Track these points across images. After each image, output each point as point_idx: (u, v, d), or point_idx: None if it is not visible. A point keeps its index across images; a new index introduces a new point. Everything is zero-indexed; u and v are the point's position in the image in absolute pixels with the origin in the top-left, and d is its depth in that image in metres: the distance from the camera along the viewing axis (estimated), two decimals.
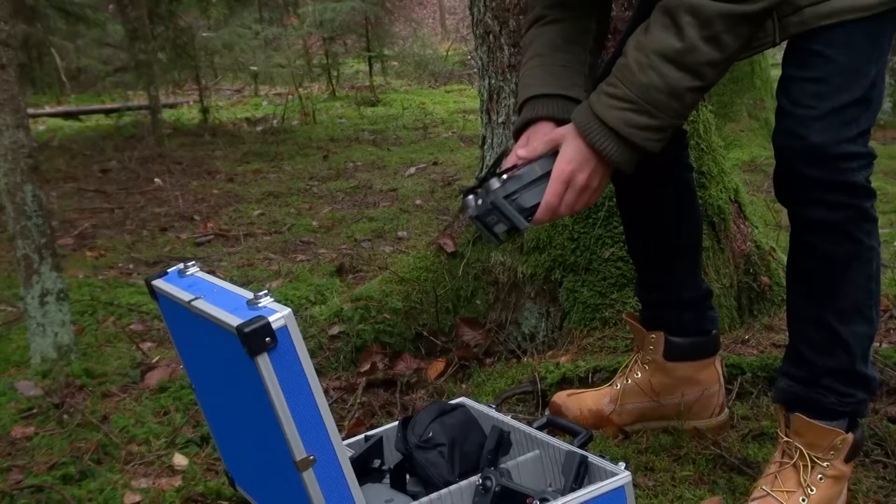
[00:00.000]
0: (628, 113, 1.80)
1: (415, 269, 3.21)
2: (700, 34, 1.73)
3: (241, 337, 1.48)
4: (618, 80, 1.81)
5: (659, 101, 1.78)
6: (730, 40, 1.75)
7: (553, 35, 2.06)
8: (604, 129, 1.82)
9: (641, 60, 1.78)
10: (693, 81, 1.77)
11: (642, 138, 1.81)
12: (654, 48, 1.77)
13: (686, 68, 1.76)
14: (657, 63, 1.76)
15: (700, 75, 1.77)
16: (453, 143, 8.35)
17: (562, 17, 2.07)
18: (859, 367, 1.94)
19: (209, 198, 6.58)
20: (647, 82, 1.77)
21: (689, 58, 1.75)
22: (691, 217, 2.32)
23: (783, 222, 4.27)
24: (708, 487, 2.14)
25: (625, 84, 1.80)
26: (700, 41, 1.73)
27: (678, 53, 1.75)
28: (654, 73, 1.77)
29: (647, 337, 2.35)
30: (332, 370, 2.94)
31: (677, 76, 1.76)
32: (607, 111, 1.81)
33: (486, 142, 3.16)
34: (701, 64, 1.76)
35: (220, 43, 10.42)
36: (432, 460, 1.90)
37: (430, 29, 20.27)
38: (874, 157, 1.85)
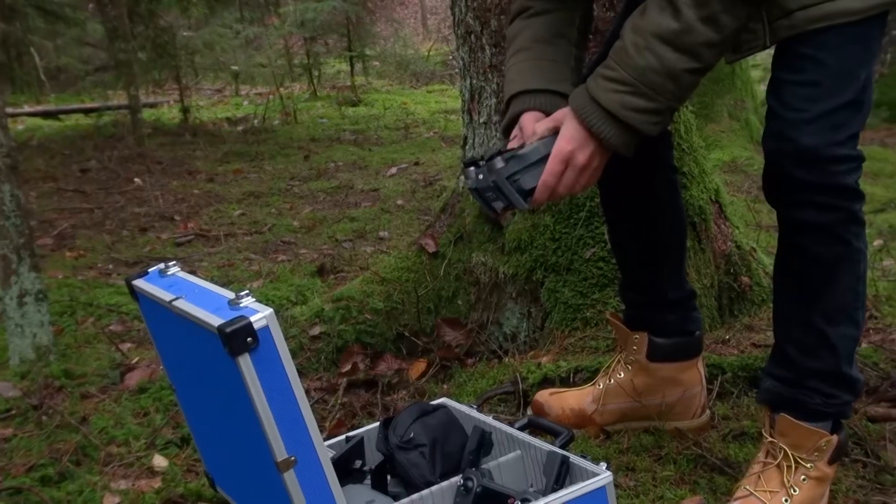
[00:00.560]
0: (626, 96, 1.78)
1: (396, 270, 3.20)
2: (697, 14, 1.72)
3: (223, 337, 1.47)
4: (615, 62, 1.80)
5: (656, 82, 1.76)
6: (728, 20, 1.73)
7: (539, 28, 2.05)
8: (601, 111, 1.80)
9: (638, 42, 1.77)
10: (690, 63, 1.75)
11: (640, 121, 1.80)
12: (651, 30, 1.75)
13: (683, 49, 1.74)
14: (654, 44, 1.75)
15: (697, 56, 1.75)
16: (435, 144, 8.34)
17: (546, 9, 2.06)
18: (845, 369, 1.94)
19: (189, 198, 6.55)
20: (643, 64, 1.76)
21: (686, 39, 1.73)
22: (676, 218, 2.32)
23: (763, 223, 4.29)
24: (689, 487, 2.15)
25: (622, 66, 1.78)
26: (697, 21, 1.72)
27: (675, 34, 1.73)
28: (650, 54, 1.75)
29: (630, 337, 2.35)
30: (313, 371, 2.93)
31: (674, 57, 1.75)
32: (604, 94, 1.80)
33: (468, 142, 3.15)
34: (698, 45, 1.74)
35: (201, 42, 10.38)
36: (413, 461, 1.89)
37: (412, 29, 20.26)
38: (863, 160, 1.86)
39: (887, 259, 3.85)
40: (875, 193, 5.60)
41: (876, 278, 3.40)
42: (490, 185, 1.87)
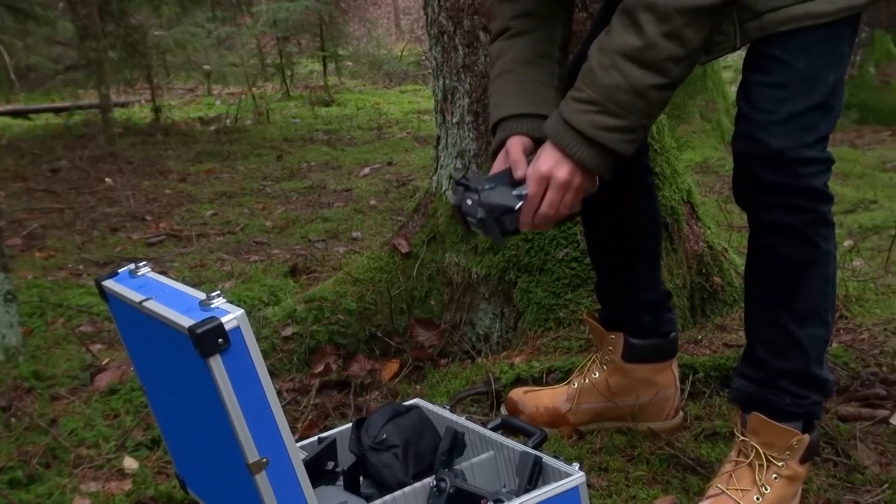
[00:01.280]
0: (595, 115, 1.79)
1: (369, 270, 3.20)
2: (659, 30, 1.72)
3: (194, 338, 1.46)
4: (583, 83, 1.81)
5: (623, 100, 1.77)
6: (691, 35, 1.73)
7: (521, 49, 2.05)
8: (574, 133, 1.81)
9: (604, 62, 1.78)
10: (656, 79, 1.76)
11: (612, 140, 1.80)
12: (615, 48, 1.76)
13: (648, 66, 1.74)
14: (619, 62, 1.75)
15: (663, 72, 1.75)
16: (408, 144, 8.34)
17: (528, 29, 2.07)
18: (814, 370, 1.96)
19: (161, 198, 6.51)
20: (610, 83, 1.77)
21: (649, 55, 1.74)
22: (651, 219, 2.33)
23: (735, 223, 4.31)
24: (661, 487, 2.16)
25: (589, 87, 1.79)
26: (660, 37, 1.72)
27: (638, 51, 1.74)
28: (616, 72, 1.76)
29: (606, 337, 2.36)
30: (285, 371, 2.92)
31: (639, 74, 1.75)
32: (575, 115, 1.81)
33: (441, 142, 3.15)
34: (662, 60, 1.74)
35: (173, 41, 10.32)
36: (386, 462, 1.89)
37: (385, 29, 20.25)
38: (832, 163, 1.87)
39: (857, 259, 3.88)
40: (845, 194, 5.65)
41: (846, 279, 3.43)
42: (477, 217, 1.90)
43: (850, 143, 7.65)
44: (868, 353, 2.73)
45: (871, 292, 3.35)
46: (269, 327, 3.03)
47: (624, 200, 2.24)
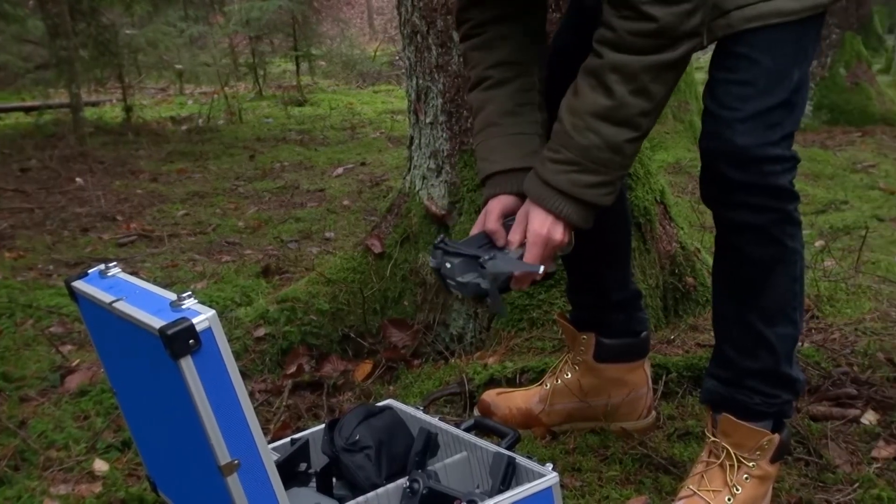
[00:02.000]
0: (574, 175, 1.83)
1: (342, 270, 3.19)
2: (628, 89, 1.77)
3: (164, 339, 1.45)
4: (558, 145, 1.85)
5: (601, 158, 1.82)
6: (657, 89, 1.78)
7: (503, 100, 2.07)
8: (556, 193, 1.86)
9: (577, 123, 1.82)
10: (630, 133, 1.81)
11: (593, 195, 1.85)
12: (587, 109, 1.81)
13: (620, 123, 1.79)
14: (592, 123, 1.80)
15: (635, 126, 1.81)
16: (381, 144, 8.33)
17: (507, 78, 2.07)
18: (784, 369, 1.96)
19: (132, 198, 6.46)
20: (586, 143, 1.81)
21: (621, 112, 1.79)
22: (621, 219, 2.33)
23: (707, 223, 4.33)
24: (634, 487, 2.16)
25: (566, 148, 1.83)
26: (628, 95, 1.77)
27: (609, 110, 1.79)
28: (591, 133, 1.80)
29: (578, 338, 2.36)
30: (257, 372, 2.91)
31: (613, 131, 1.80)
32: (555, 176, 1.85)
33: (414, 142, 3.14)
34: (633, 116, 1.79)
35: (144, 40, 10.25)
36: (359, 463, 1.88)
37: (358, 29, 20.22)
38: (798, 161, 1.88)
39: (828, 259, 3.90)
40: (816, 195, 5.68)
41: (817, 278, 3.45)
42: (454, 277, 1.93)
43: (820, 144, 7.69)
44: (839, 353, 2.75)
45: (843, 292, 3.37)
46: (241, 328, 3.01)
47: None
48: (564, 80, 2.11)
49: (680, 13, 1.73)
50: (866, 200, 5.69)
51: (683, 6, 1.73)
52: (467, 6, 2.11)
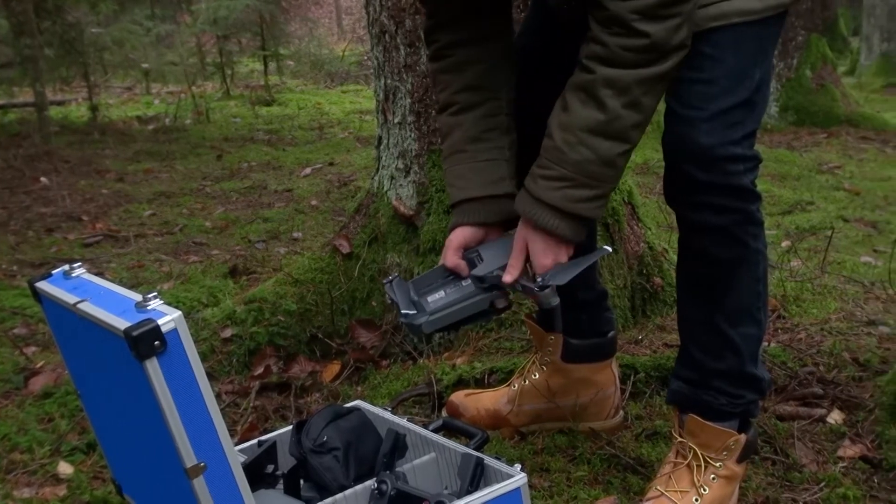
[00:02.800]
0: (568, 190, 1.83)
1: (310, 271, 3.18)
2: (621, 102, 1.77)
3: (129, 340, 1.44)
4: (550, 161, 1.85)
5: (595, 172, 1.82)
6: (649, 101, 1.79)
7: (470, 126, 2.06)
8: (549, 210, 1.85)
9: (569, 139, 1.81)
10: (622, 146, 1.81)
11: (587, 209, 1.86)
12: (580, 125, 1.80)
13: (613, 136, 1.80)
14: (586, 138, 1.80)
15: (627, 138, 1.81)
16: (349, 144, 8.30)
17: (474, 103, 2.07)
18: (749, 369, 1.97)
19: (98, 197, 6.41)
20: (580, 158, 1.81)
21: (614, 126, 1.79)
22: None
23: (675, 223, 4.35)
24: (603, 487, 2.16)
25: (559, 164, 1.83)
26: (622, 109, 1.78)
27: (603, 124, 1.79)
28: (584, 148, 1.80)
29: (545, 338, 2.36)
30: (224, 374, 2.89)
31: (607, 146, 1.80)
32: (548, 193, 1.85)
33: (383, 142, 3.14)
34: (627, 129, 1.80)
35: (110, 39, 10.16)
36: (327, 465, 1.87)
37: (327, 29, 20.17)
38: (759, 161, 1.89)
39: (795, 260, 3.93)
40: (782, 195, 5.72)
41: (784, 279, 3.47)
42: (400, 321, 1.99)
43: (787, 145, 7.74)
44: (805, 353, 2.77)
45: (809, 292, 3.39)
46: (207, 329, 2.99)
47: None
48: (527, 82, 2.11)
49: (670, 27, 1.74)
50: (832, 201, 5.73)
51: (673, 21, 1.74)
52: (434, 29, 2.11)
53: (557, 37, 2.12)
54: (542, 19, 2.19)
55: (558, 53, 2.01)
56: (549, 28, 2.14)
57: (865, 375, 2.62)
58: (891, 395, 2.35)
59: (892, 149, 7.78)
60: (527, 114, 2.07)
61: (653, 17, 1.72)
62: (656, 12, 1.72)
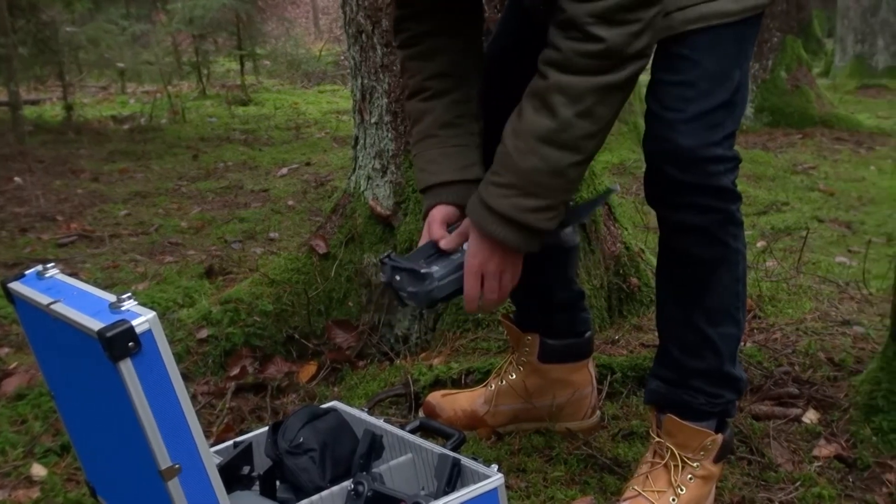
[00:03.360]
0: (516, 199, 1.80)
1: (286, 271, 3.16)
2: (573, 111, 1.74)
3: (103, 341, 1.43)
4: (501, 168, 1.82)
5: (543, 182, 1.79)
6: (603, 111, 1.76)
7: (441, 112, 2.06)
8: (496, 217, 1.83)
9: (520, 146, 1.79)
10: (574, 157, 1.78)
11: (536, 220, 1.82)
12: (530, 131, 1.77)
13: (564, 146, 1.76)
14: (536, 146, 1.77)
15: (579, 149, 1.78)
16: (326, 144, 8.29)
17: (445, 90, 2.06)
18: (727, 368, 1.98)
19: (73, 197, 6.37)
20: (529, 167, 1.78)
21: (565, 135, 1.75)
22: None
23: (651, 224, 4.36)
24: (579, 488, 2.17)
25: (508, 171, 1.80)
26: (574, 117, 1.74)
27: (554, 133, 1.75)
28: (533, 156, 1.77)
29: (522, 338, 2.36)
30: (200, 374, 2.88)
31: (557, 155, 1.77)
32: (496, 200, 1.82)
33: (359, 142, 3.13)
34: (578, 138, 1.76)
35: (85, 38, 10.10)
36: (303, 466, 1.86)
37: (304, 28, 20.12)
38: (739, 161, 1.89)
39: (770, 260, 3.94)
40: (758, 196, 5.75)
41: (759, 279, 3.48)
42: (405, 288, 1.95)
43: (762, 146, 7.78)
44: (781, 353, 2.78)
45: (784, 292, 3.41)
46: (183, 329, 2.98)
47: None
48: (500, 86, 2.11)
49: (627, 34, 1.70)
50: (807, 201, 5.77)
51: (631, 27, 1.70)
52: (403, 18, 2.10)
53: (532, 37, 2.12)
54: (517, 20, 2.19)
55: (533, 53, 2.01)
56: (524, 32, 2.14)
57: (840, 375, 2.63)
58: (865, 395, 2.36)
59: (865, 149, 7.84)
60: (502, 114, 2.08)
61: (610, 21, 1.69)
62: (614, 17, 1.69)
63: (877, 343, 2.79)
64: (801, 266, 3.86)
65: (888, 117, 9.41)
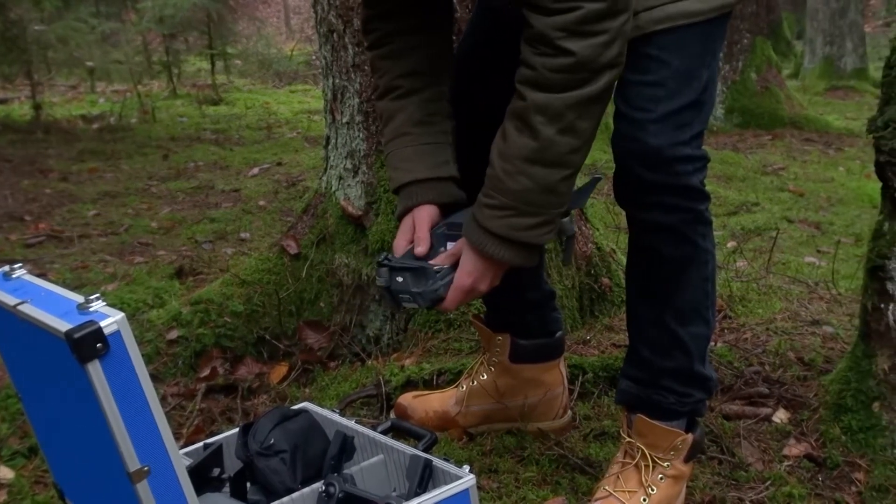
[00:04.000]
0: (512, 219, 1.81)
1: (257, 272, 3.15)
2: (554, 129, 1.74)
3: (71, 343, 1.41)
4: (492, 190, 1.82)
5: (536, 200, 1.80)
6: (584, 125, 1.76)
7: (414, 110, 2.05)
8: (494, 239, 1.83)
9: (507, 168, 1.79)
10: (562, 172, 1.79)
11: (533, 236, 1.83)
12: (516, 153, 1.78)
13: (551, 163, 1.77)
14: (523, 167, 1.77)
15: (566, 164, 1.78)
16: (297, 144, 8.26)
17: (417, 88, 2.06)
18: (697, 368, 1.99)
19: (41, 197, 6.31)
20: (519, 188, 1.78)
21: (550, 153, 1.76)
22: None
23: (623, 225, 4.37)
24: (551, 488, 2.17)
25: (500, 194, 1.81)
26: (556, 135, 1.74)
27: (538, 152, 1.76)
28: (523, 177, 1.78)
29: (493, 339, 2.36)
30: (170, 376, 2.86)
31: (545, 173, 1.77)
32: (492, 222, 1.82)
33: (331, 142, 3.12)
34: (563, 154, 1.77)
35: (54, 37, 10.01)
36: (273, 467, 1.85)
37: (275, 28, 20.06)
38: (707, 160, 1.90)
39: (740, 260, 3.97)
40: (728, 197, 5.78)
41: (730, 279, 3.50)
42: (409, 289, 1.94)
43: (732, 147, 7.83)
44: (751, 353, 2.79)
45: (754, 292, 3.43)
46: (153, 331, 2.96)
47: None
48: (469, 85, 2.11)
49: (597, 45, 1.70)
50: (776, 202, 5.80)
51: (600, 38, 1.70)
52: (371, 18, 2.09)
53: (502, 37, 2.12)
54: (486, 19, 2.19)
55: (503, 53, 2.01)
56: (494, 29, 2.14)
57: (810, 375, 2.65)
58: (834, 395, 2.38)
59: (834, 150, 7.91)
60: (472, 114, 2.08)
61: (578, 34, 1.68)
62: (581, 29, 1.68)
63: (846, 343, 2.81)
64: (771, 266, 3.88)
65: (856, 118, 9.49)
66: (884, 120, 2.18)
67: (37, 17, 10.44)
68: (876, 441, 2.24)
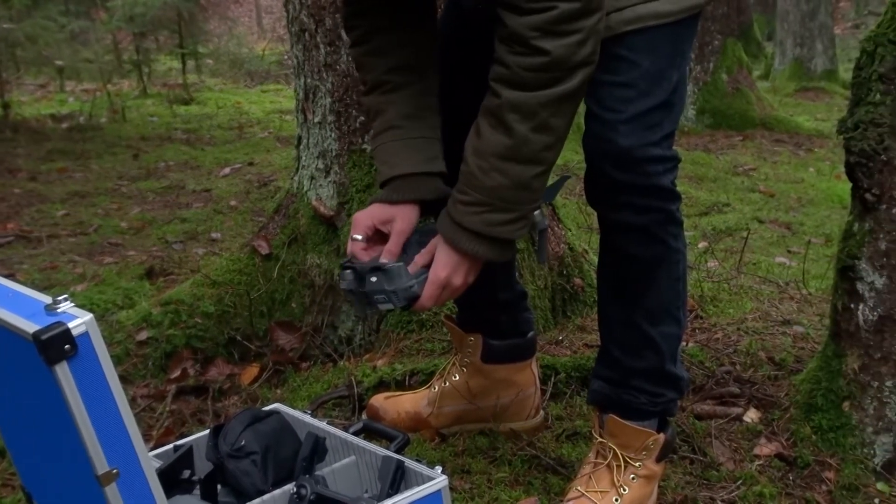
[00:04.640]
0: (486, 214, 1.82)
1: (228, 272, 3.13)
2: (528, 126, 1.75)
3: (38, 344, 1.40)
4: (466, 186, 1.83)
5: (510, 196, 1.80)
6: (558, 122, 1.77)
7: (403, 104, 2.03)
8: (469, 234, 1.83)
9: (482, 165, 1.80)
10: (535, 168, 1.79)
11: (507, 231, 1.84)
12: (490, 150, 1.78)
13: (525, 160, 1.78)
14: (497, 164, 1.78)
15: (540, 161, 1.79)
16: (269, 144, 8.23)
17: (406, 82, 2.04)
18: (668, 367, 1.99)
19: (9, 197, 6.26)
20: (493, 184, 1.79)
21: (524, 150, 1.77)
22: None
23: (595, 225, 4.38)
24: (523, 489, 2.17)
25: (474, 190, 1.81)
26: (530, 133, 1.75)
27: (512, 149, 1.77)
28: (497, 173, 1.78)
29: (465, 339, 2.35)
30: (140, 377, 2.84)
31: (519, 170, 1.78)
32: (467, 218, 1.83)
33: (303, 142, 3.11)
34: (537, 152, 1.78)
35: (23, 35, 9.92)
36: (244, 469, 1.84)
37: (247, 27, 19.98)
38: (678, 161, 1.91)
39: (711, 261, 3.98)
40: (699, 197, 5.81)
41: (701, 279, 3.52)
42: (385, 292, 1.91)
43: (703, 148, 7.87)
44: (722, 353, 2.80)
45: (725, 293, 3.44)
46: (122, 332, 2.94)
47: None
48: (446, 86, 2.10)
49: (571, 44, 1.70)
50: (747, 203, 5.84)
51: (574, 37, 1.70)
52: (352, 15, 2.08)
53: (472, 38, 2.10)
54: (456, 20, 2.18)
55: (475, 54, 2.00)
56: (463, 29, 2.13)
57: (781, 374, 2.66)
58: (805, 394, 2.39)
59: (804, 151, 7.96)
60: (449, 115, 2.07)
61: (552, 33, 1.69)
62: (555, 28, 1.69)
63: (816, 342, 2.83)
64: (742, 266, 3.90)
65: (826, 119, 9.56)
66: (853, 121, 2.19)
67: (5, 16, 10.35)
68: (846, 440, 2.25)
